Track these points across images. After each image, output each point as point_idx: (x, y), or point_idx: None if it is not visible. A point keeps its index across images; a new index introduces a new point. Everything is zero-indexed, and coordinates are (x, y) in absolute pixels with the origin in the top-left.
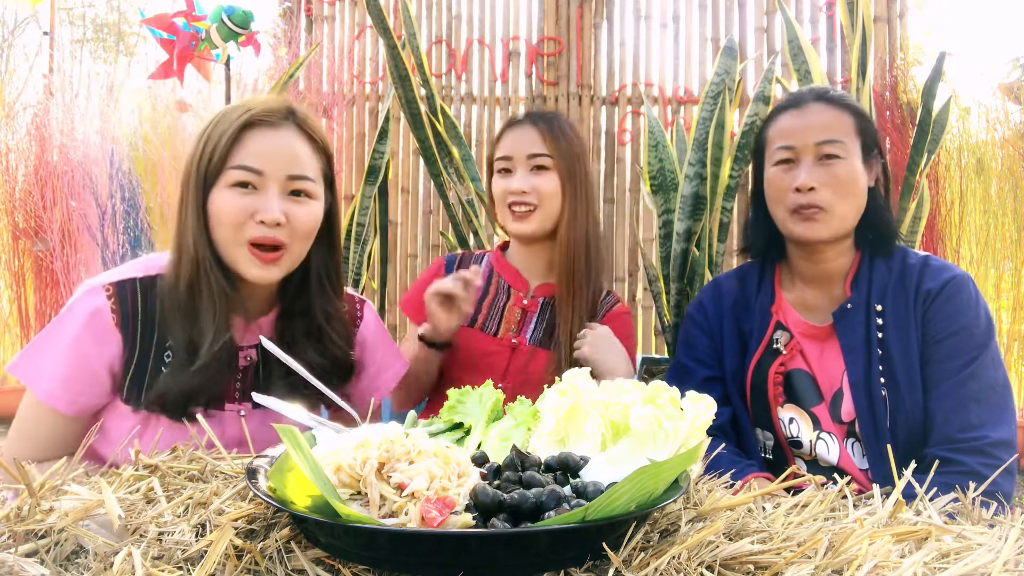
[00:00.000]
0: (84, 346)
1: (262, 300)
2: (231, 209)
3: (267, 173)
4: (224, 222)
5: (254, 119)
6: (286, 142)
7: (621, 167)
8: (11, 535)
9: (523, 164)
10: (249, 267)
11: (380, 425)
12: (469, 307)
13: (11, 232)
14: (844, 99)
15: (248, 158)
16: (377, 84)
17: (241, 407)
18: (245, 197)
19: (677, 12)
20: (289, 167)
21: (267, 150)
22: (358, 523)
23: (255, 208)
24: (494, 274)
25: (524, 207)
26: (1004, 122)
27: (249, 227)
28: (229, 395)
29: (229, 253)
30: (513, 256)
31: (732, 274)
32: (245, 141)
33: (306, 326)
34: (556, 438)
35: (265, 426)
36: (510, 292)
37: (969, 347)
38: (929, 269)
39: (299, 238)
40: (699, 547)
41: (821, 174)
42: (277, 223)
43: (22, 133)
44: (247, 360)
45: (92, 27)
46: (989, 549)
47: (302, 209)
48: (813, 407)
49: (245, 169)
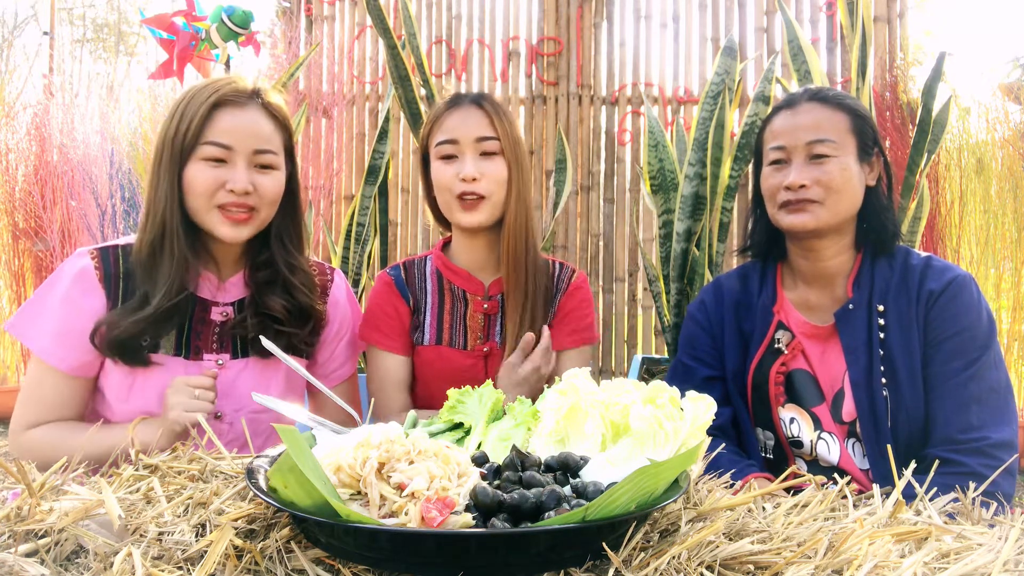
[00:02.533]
0: (73, 301)
1: (231, 263)
2: (204, 180)
3: (236, 148)
4: (198, 192)
5: (223, 99)
6: (252, 120)
7: (621, 167)
8: (11, 535)
9: (471, 149)
10: (222, 227)
11: (380, 425)
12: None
13: (11, 232)
14: (839, 98)
15: (218, 135)
16: (377, 84)
17: (219, 356)
18: (216, 169)
19: (677, 12)
20: (255, 142)
21: (235, 127)
22: (358, 523)
23: (225, 179)
24: (444, 280)
25: (474, 196)
26: (1004, 122)
27: (220, 195)
28: (207, 347)
29: (203, 218)
30: (458, 254)
31: (734, 274)
32: (215, 119)
33: (270, 276)
34: (556, 438)
35: (243, 375)
36: (467, 298)
37: (971, 348)
38: (931, 270)
39: (266, 204)
40: (699, 547)
41: (812, 172)
42: (246, 191)
43: (22, 133)
44: (223, 315)
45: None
46: (989, 549)
47: (267, 179)
48: (814, 407)
49: (216, 145)
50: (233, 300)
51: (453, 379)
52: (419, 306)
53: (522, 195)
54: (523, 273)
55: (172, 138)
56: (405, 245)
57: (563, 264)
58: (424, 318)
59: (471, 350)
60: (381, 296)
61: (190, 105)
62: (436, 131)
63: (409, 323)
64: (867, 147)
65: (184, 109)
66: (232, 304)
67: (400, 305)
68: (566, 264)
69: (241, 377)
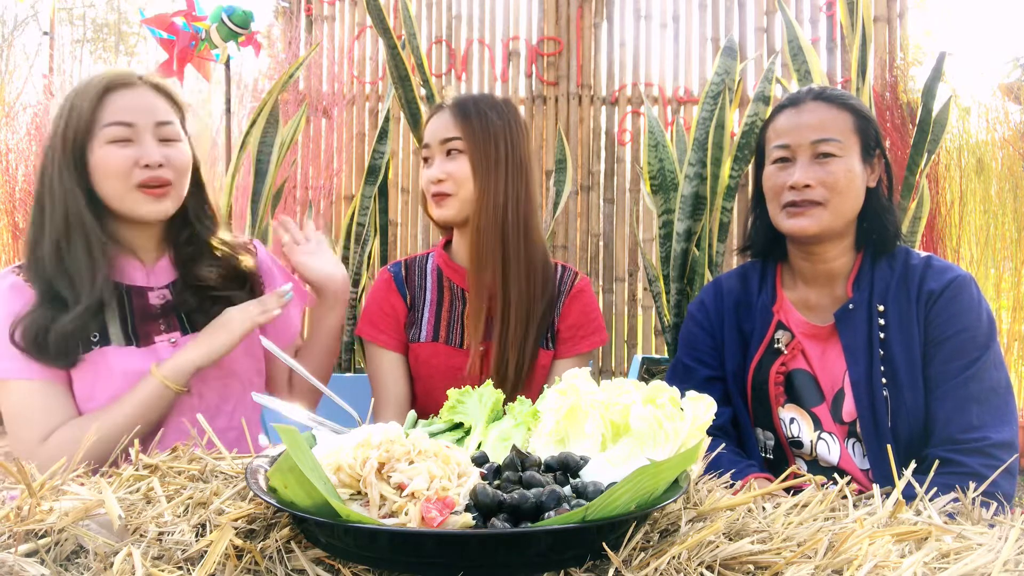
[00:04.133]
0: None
1: (153, 248)
2: (115, 160)
3: (138, 124)
4: (111, 173)
5: (112, 83)
6: (145, 97)
7: (621, 167)
8: (11, 535)
9: (439, 151)
10: (143, 205)
11: (380, 425)
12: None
13: (11, 232)
14: (843, 98)
15: (118, 114)
16: (377, 84)
17: (170, 335)
18: (125, 149)
19: (677, 12)
20: (155, 115)
21: (132, 105)
22: (358, 523)
23: (137, 156)
24: (444, 278)
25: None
26: (1004, 122)
27: (135, 173)
28: (155, 330)
29: (121, 201)
30: (459, 251)
31: (733, 273)
32: (108, 103)
33: (195, 251)
34: (556, 438)
35: None
36: (465, 297)
37: (971, 348)
38: (931, 270)
39: (180, 174)
40: (699, 547)
41: (817, 172)
42: (160, 164)
43: (22, 133)
44: (161, 299)
45: (92, 27)
46: (989, 549)
47: (174, 150)
48: (814, 407)
49: (118, 124)
50: (167, 283)
51: (450, 376)
52: (416, 303)
53: (493, 190)
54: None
55: (64, 131)
56: (405, 245)
57: (566, 267)
58: (422, 315)
59: (467, 348)
60: (379, 292)
61: (79, 96)
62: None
63: (404, 320)
64: (870, 148)
65: (73, 102)
66: (167, 287)
67: (396, 302)
68: (568, 267)
69: None
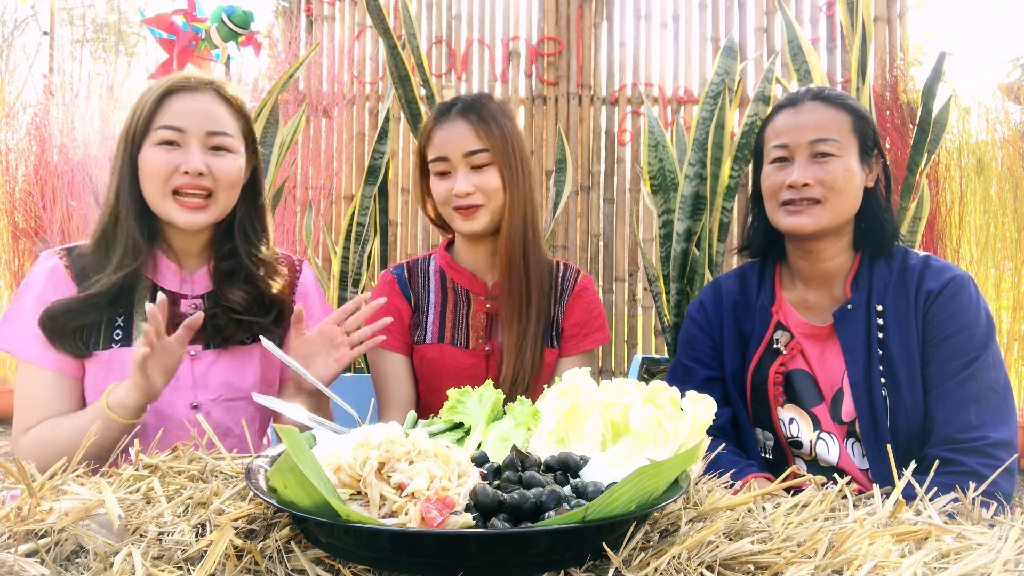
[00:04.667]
0: (48, 300)
1: (196, 255)
2: (157, 163)
3: (188, 130)
4: (151, 176)
5: (174, 86)
6: (204, 104)
7: (621, 167)
8: (11, 535)
9: (461, 164)
10: (177, 213)
11: (380, 425)
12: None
13: (11, 232)
14: (841, 98)
15: (170, 118)
16: (377, 84)
17: (192, 347)
18: (170, 153)
19: (677, 12)
20: (208, 124)
21: (187, 111)
22: (358, 523)
23: (179, 162)
24: (447, 279)
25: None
26: (1004, 122)
27: (175, 179)
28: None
29: (159, 205)
30: (462, 254)
31: (732, 274)
32: (167, 105)
33: (232, 267)
34: (556, 438)
35: (216, 365)
36: (470, 298)
37: (969, 348)
38: (930, 270)
39: (223, 187)
40: (699, 547)
41: (815, 171)
42: (200, 173)
43: (22, 133)
44: (192, 308)
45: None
46: (989, 549)
47: (223, 161)
48: (813, 407)
49: (168, 128)
50: (201, 293)
51: (454, 377)
52: (420, 305)
53: (519, 199)
54: (520, 277)
55: (126, 128)
56: (405, 245)
57: (568, 265)
58: (426, 317)
59: (473, 349)
60: (383, 294)
61: (144, 96)
62: (428, 146)
63: (409, 322)
64: (868, 148)
65: (139, 101)
66: (201, 297)
67: (401, 304)
68: (571, 266)
69: (215, 366)
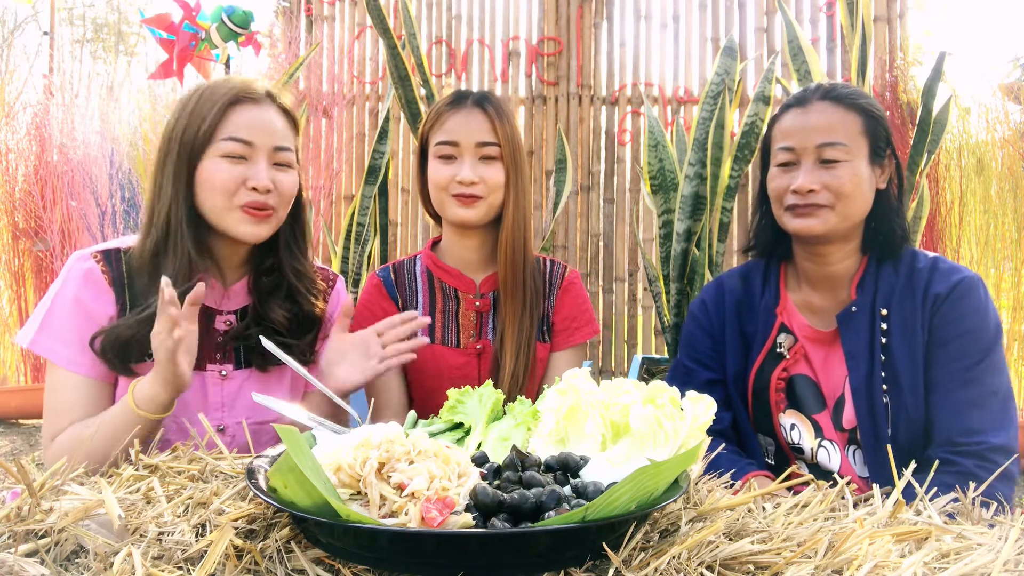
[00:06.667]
0: (85, 305)
1: (235, 268)
2: (225, 177)
3: (256, 144)
4: (217, 189)
5: (240, 96)
6: (270, 117)
7: (621, 167)
8: (11, 535)
9: (471, 152)
10: (243, 226)
11: (380, 425)
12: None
13: (11, 232)
14: (852, 97)
15: (238, 131)
16: (377, 84)
17: (222, 367)
18: (237, 166)
19: (677, 12)
20: (274, 139)
21: (255, 124)
22: (358, 523)
23: (246, 176)
24: (435, 279)
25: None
26: (1004, 122)
27: (241, 193)
28: (210, 356)
29: (221, 217)
30: (449, 251)
31: (736, 272)
32: (232, 116)
33: (275, 282)
34: (556, 438)
35: (246, 386)
36: (459, 296)
37: (974, 351)
38: (938, 272)
39: (284, 203)
40: (699, 547)
41: (821, 176)
42: (268, 189)
43: (22, 133)
44: (227, 324)
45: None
46: (989, 549)
47: (286, 177)
48: (815, 414)
49: (237, 141)
50: (236, 308)
51: (447, 377)
52: (408, 307)
53: (520, 198)
54: (520, 275)
55: (182, 135)
56: (405, 245)
57: (555, 261)
58: None
59: (464, 348)
60: (370, 298)
61: (203, 102)
62: (437, 129)
63: None
64: (879, 149)
65: (196, 106)
66: (235, 312)
67: (389, 307)
68: (557, 261)
69: (244, 388)
